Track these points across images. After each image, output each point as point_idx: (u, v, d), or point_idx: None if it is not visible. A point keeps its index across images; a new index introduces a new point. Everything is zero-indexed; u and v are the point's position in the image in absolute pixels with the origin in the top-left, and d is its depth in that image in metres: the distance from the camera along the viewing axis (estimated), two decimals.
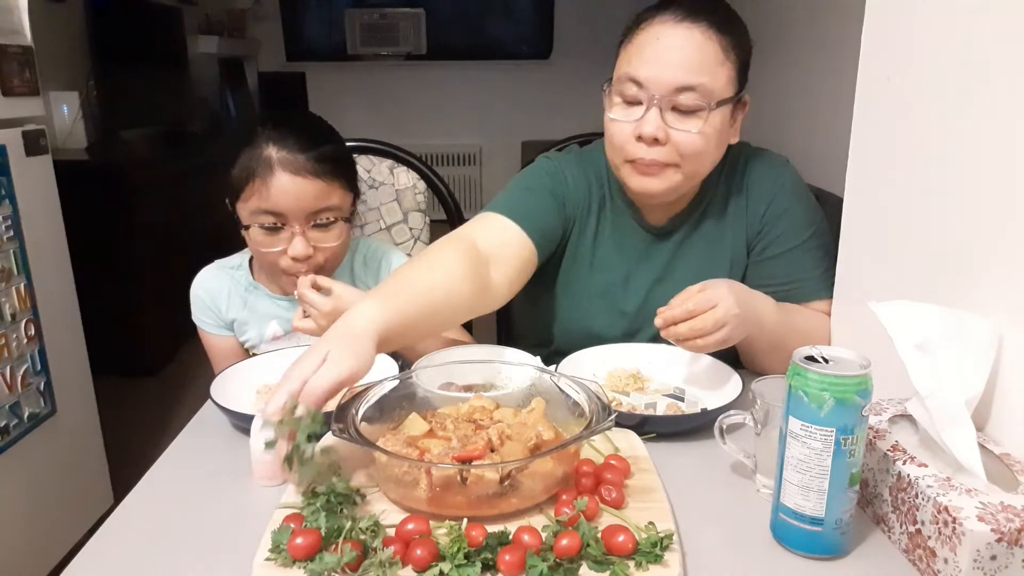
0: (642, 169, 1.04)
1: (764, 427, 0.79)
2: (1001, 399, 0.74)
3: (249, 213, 1.10)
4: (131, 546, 0.74)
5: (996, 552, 0.61)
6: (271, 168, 1.07)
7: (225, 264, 1.27)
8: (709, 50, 1.00)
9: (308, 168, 1.08)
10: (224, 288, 1.23)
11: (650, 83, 1.00)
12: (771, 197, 1.14)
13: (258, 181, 1.07)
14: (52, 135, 2.85)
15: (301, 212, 1.09)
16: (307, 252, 1.10)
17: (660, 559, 0.65)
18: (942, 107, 0.82)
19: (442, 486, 0.71)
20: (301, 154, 1.08)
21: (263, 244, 1.11)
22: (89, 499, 2.01)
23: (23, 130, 1.77)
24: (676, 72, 0.99)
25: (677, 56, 1.00)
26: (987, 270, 0.76)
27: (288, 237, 1.10)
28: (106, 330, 2.30)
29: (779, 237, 1.13)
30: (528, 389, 0.89)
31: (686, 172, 1.05)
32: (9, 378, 1.67)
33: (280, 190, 1.07)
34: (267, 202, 1.08)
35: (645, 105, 1.01)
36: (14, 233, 1.71)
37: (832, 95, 2.30)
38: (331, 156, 1.11)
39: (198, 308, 1.25)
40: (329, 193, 1.11)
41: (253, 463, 0.82)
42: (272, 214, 1.08)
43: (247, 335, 1.24)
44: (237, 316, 1.23)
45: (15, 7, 1.76)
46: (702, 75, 1.00)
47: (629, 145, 1.04)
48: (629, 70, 1.02)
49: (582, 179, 1.17)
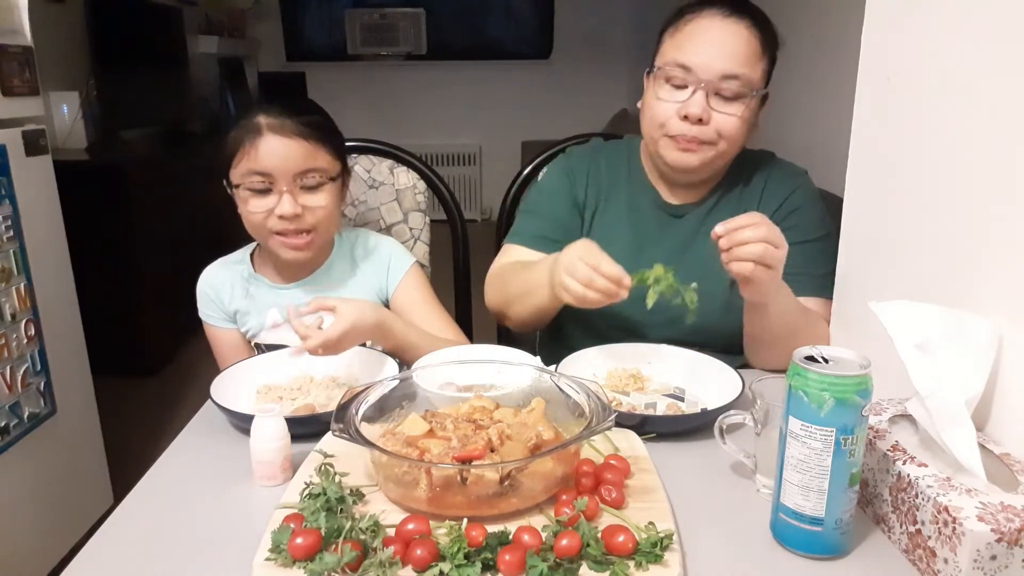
0: (683, 145, 1.13)
1: (764, 427, 0.79)
2: (1001, 399, 0.75)
3: (240, 176, 1.13)
4: (131, 546, 0.74)
5: (996, 552, 0.61)
6: (260, 131, 1.11)
7: (228, 259, 1.30)
8: (753, 44, 1.10)
9: (295, 130, 1.12)
10: (227, 281, 1.26)
11: (699, 69, 1.09)
12: (785, 196, 1.21)
13: (247, 145, 1.11)
14: (52, 135, 2.84)
15: (288, 172, 1.12)
16: (295, 210, 1.12)
17: (660, 559, 0.65)
18: (942, 107, 0.82)
19: (442, 486, 0.71)
20: (288, 118, 1.12)
21: (252, 205, 1.13)
22: (89, 499, 2.01)
23: (23, 130, 1.77)
24: (724, 61, 1.09)
25: (726, 46, 1.09)
26: (987, 270, 0.76)
27: (276, 198, 1.12)
28: (106, 330, 2.30)
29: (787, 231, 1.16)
30: (528, 389, 0.89)
31: (719, 151, 1.14)
32: (9, 378, 1.67)
33: (268, 151, 1.11)
34: (256, 163, 1.11)
35: (692, 88, 1.10)
36: (14, 233, 1.71)
37: (832, 95, 2.30)
38: (317, 124, 1.15)
39: (203, 303, 1.27)
40: (315, 155, 1.14)
41: (253, 463, 0.83)
42: (260, 174, 1.12)
43: (248, 324, 1.25)
44: (239, 307, 1.25)
45: (15, 7, 1.76)
46: (745, 66, 1.10)
47: (672, 122, 1.12)
48: (679, 56, 1.11)
49: (592, 165, 1.28)
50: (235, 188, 1.14)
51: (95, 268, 2.29)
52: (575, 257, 0.98)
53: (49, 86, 2.85)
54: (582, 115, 5.24)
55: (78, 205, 2.02)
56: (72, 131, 3.10)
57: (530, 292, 1.16)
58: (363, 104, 5.49)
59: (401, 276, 1.26)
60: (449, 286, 1.55)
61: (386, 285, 1.26)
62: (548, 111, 5.55)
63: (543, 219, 1.26)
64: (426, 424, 0.79)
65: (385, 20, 5.48)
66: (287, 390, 1.05)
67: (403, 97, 5.61)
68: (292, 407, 1.00)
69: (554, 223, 1.25)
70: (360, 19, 5.48)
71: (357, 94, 5.53)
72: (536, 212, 1.28)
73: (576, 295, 0.97)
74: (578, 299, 0.98)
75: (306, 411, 0.97)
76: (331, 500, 0.71)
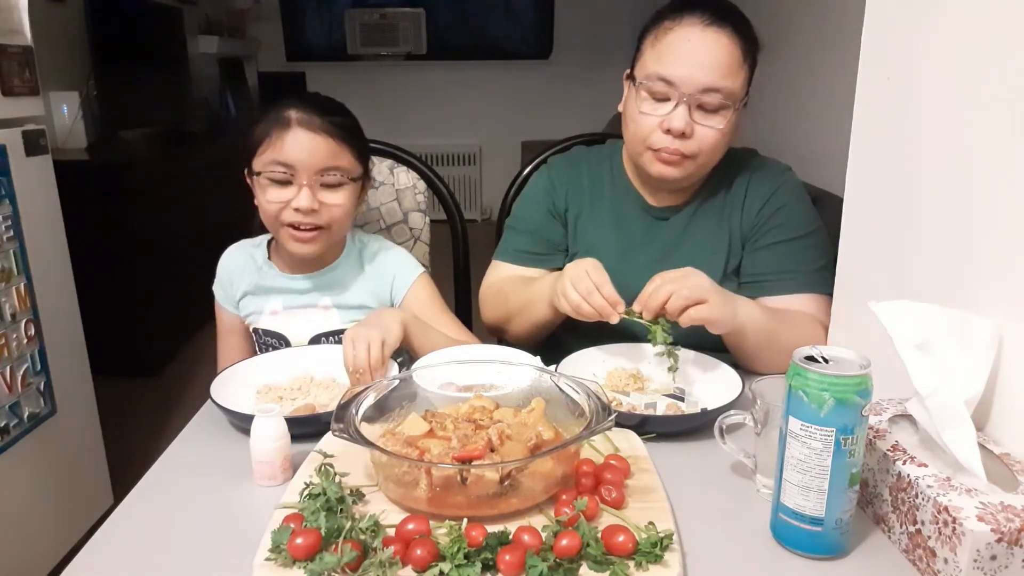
0: (664, 158, 1.12)
1: (764, 427, 0.79)
2: (1001, 399, 0.75)
3: (262, 164, 1.14)
4: (131, 546, 0.74)
5: (996, 552, 0.61)
6: (288, 124, 1.13)
7: (249, 241, 1.32)
8: (734, 54, 1.09)
9: (323, 127, 1.13)
10: (240, 262, 1.29)
11: (681, 82, 1.08)
12: (769, 194, 1.20)
13: (275, 135, 1.13)
14: (52, 135, 2.84)
15: (311, 167, 1.13)
16: (311, 205, 1.13)
17: (660, 559, 0.65)
18: (942, 107, 0.82)
19: (442, 486, 0.71)
20: (318, 116, 1.14)
21: (271, 195, 1.14)
22: (89, 499, 2.01)
23: (23, 130, 1.76)
24: (706, 74, 1.07)
25: (708, 59, 1.07)
26: (987, 270, 0.76)
27: (295, 191, 1.13)
28: (106, 330, 2.30)
29: (773, 229, 1.19)
30: (528, 389, 0.89)
31: (701, 163, 1.14)
32: (9, 378, 1.67)
33: (295, 143, 1.12)
34: (281, 154, 1.12)
35: (674, 102, 1.09)
36: (14, 233, 1.71)
37: (832, 95, 2.30)
38: (345, 125, 1.17)
39: (219, 281, 1.31)
40: (340, 154, 1.15)
41: (253, 463, 0.83)
42: (284, 165, 1.12)
43: (250, 308, 1.26)
44: (247, 289, 1.27)
45: (15, 7, 1.76)
46: (727, 78, 1.08)
47: (655, 136, 1.12)
48: (660, 69, 1.09)
49: (573, 173, 1.29)
50: (256, 176, 1.15)
51: (95, 268, 2.28)
52: (583, 270, 1.02)
53: (49, 86, 2.85)
54: (582, 115, 5.23)
55: (78, 205, 2.02)
56: (72, 131, 3.10)
57: (530, 305, 1.18)
58: (363, 104, 5.40)
59: (408, 287, 1.26)
60: (449, 286, 1.55)
61: (389, 296, 1.26)
62: (548, 111, 5.54)
63: (525, 235, 1.29)
64: (426, 424, 0.79)
65: (385, 20, 5.48)
66: (287, 390, 1.05)
67: (403, 97, 5.61)
68: (292, 407, 1.00)
69: (536, 238, 1.28)
70: (360, 19, 5.48)
71: (357, 94, 5.47)
72: (518, 228, 1.31)
73: (573, 303, 1.02)
74: (574, 306, 1.02)
75: (306, 411, 0.97)
76: (331, 500, 0.71)
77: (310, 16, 5.59)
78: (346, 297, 1.23)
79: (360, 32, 5.49)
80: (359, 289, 1.24)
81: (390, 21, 5.48)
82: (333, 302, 1.24)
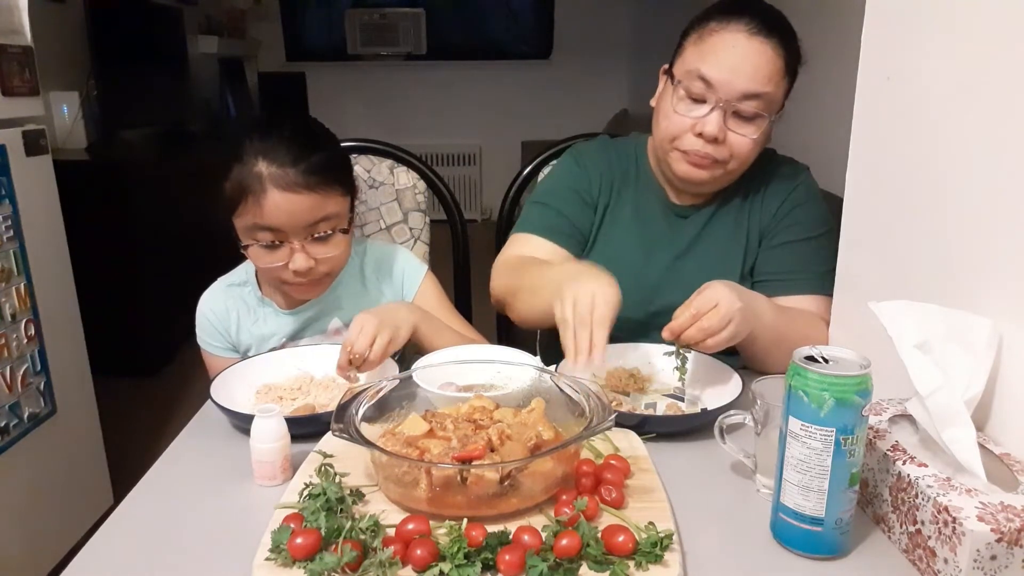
0: (693, 160, 1.12)
1: (764, 427, 0.79)
2: (1001, 399, 0.75)
3: (245, 229, 1.08)
4: (131, 546, 0.74)
5: (996, 552, 0.61)
6: (262, 185, 1.04)
7: (231, 282, 1.23)
8: (778, 65, 1.08)
9: (299, 182, 1.05)
10: (233, 310, 1.21)
11: (721, 86, 1.06)
12: (787, 193, 1.20)
13: (250, 199, 1.05)
14: (52, 135, 2.85)
15: (297, 227, 1.07)
16: (308, 266, 1.08)
17: (660, 559, 0.65)
18: (942, 107, 0.82)
19: (442, 486, 0.71)
20: (291, 168, 1.05)
21: (264, 261, 1.10)
22: (89, 499, 2.01)
23: (23, 130, 1.77)
24: (748, 81, 1.06)
25: (751, 66, 1.06)
26: (987, 270, 0.76)
27: (288, 252, 1.08)
28: (106, 330, 2.30)
29: (788, 228, 1.19)
30: (528, 389, 0.89)
31: (730, 169, 1.13)
32: (9, 378, 1.67)
33: (274, 207, 1.04)
34: (262, 219, 1.05)
35: (710, 105, 1.08)
36: (14, 233, 1.71)
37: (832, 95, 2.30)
38: (323, 165, 1.08)
39: (205, 331, 1.22)
40: (324, 204, 1.08)
41: (253, 463, 0.83)
42: (269, 230, 1.07)
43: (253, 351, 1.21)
44: (249, 337, 1.21)
45: (15, 7, 1.76)
46: (768, 87, 1.07)
47: (686, 137, 1.11)
48: (703, 68, 1.07)
49: (604, 163, 1.27)
50: (244, 248, 1.10)
51: (95, 268, 2.28)
52: (593, 293, 0.92)
53: (49, 86, 2.85)
54: (582, 115, 5.24)
55: (78, 205, 2.02)
56: (72, 131, 3.10)
57: (538, 291, 1.12)
58: (363, 104, 5.49)
59: (418, 286, 1.25)
60: (449, 286, 1.55)
61: (402, 297, 1.24)
62: (548, 111, 5.55)
63: (555, 212, 1.24)
64: (426, 424, 0.79)
65: (385, 20, 5.48)
66: (287, 390, 1.05)
67: (403, 97, 5.61)
68: (292, 407, 1.00)
69: (566, 217, 1.24)
70: (360, 19, 5.48)
71: (357, 94, 5.53)
72: (549, 204, 1.25)
73: (561, 316, 0.94)
74: (559, 319, 0.95)
75: (306, 411, 0.97)
76: (331, 500, 0.71)
77: (310, 16, 5.60)
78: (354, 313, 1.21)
79: (360, 32, 5.49)
80: (367, 302, 1.21)
81: (390, 21, 5.48)
82: (344, 321, 1.21)
